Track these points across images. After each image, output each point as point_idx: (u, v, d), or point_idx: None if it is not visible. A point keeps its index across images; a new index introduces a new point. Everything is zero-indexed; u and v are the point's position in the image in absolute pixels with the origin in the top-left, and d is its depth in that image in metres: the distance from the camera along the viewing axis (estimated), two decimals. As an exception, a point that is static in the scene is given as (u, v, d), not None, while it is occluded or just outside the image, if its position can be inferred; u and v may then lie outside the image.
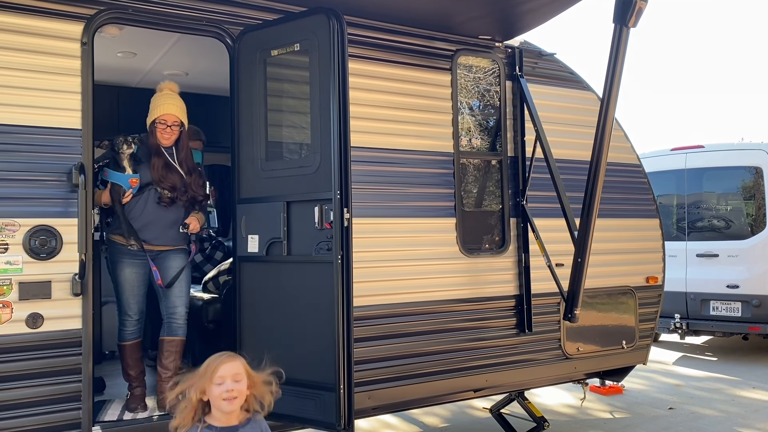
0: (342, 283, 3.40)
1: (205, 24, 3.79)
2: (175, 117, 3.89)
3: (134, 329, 3.98)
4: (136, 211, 3.90)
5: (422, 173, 4.38)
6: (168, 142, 3.92)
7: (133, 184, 3.84)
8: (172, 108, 3.89)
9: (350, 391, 3.40)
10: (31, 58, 3.29)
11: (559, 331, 4.92)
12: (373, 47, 4.24)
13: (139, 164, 3.90)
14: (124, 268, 3.93)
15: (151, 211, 3.91)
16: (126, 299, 3.95)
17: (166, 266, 3.98)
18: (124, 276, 3.93)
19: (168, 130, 3.89)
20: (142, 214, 3.91)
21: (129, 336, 3.97)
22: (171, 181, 3.91)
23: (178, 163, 3.96)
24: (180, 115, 3.92)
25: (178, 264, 4.01)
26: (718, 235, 8.97)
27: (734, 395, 7.07)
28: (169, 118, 3.88)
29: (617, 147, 5.21)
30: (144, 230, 3.92)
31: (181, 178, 3.95)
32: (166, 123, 3.88)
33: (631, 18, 4.01)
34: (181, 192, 3.95)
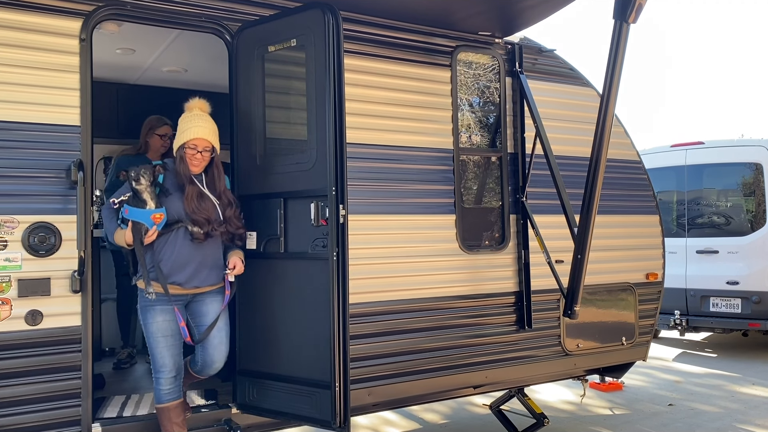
0: (337, 280, 3.40)
1: (203, 20, 3.78)
2: (206, 142, 3.46)
3: (172, 387, 3.44)
4: (166, 252, 3.40)
5: (422, 170, 4.37)
6: (198, 170, 3.50)
7: (157, 221, 3.32)
8: (202, 131, 3.46)
9: (346, 389, 3.40)
10: (29, 54, 3.28)
11: (559, 328, 4.92)
12: (372, 43, 4.23)
13: (165, 196, 3.43)
14: (156, 317, 3.40)
15: (183, 250, 3.42)
16: (160, 353, 3.41)
17: (200, 312, 3.55)
18: (155, 326, 3.41)
19: (198, 156, 3.46)
20: (172, 254, 3.41)
21: (167, 396, 3.43)
22: (205, 213, 3.44)
23: (213, 192, 3.54)
24: (212, 140, 3.50)
25: (215, 309, 3.54)
26: (718, 232, 8.97)
27: (734, 392, 7.08)
28: (200, 143, 3.45)
29: (617, 143, 5.21)
30: (175, 273, 3.42)
31: (215, 209, 3.50)
32: (197, 148, 3.44)
33: (631, 14, 4.00)
34: (217, 224, 3.47)
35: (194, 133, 3.45)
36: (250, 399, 3.74)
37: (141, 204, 3.31)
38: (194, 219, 3.42)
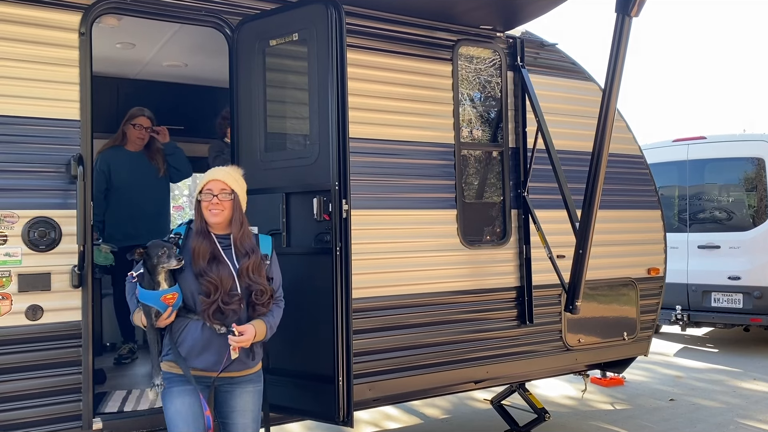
0: (341, 275, 3.39)
1: (204, 14, 3.76)
2: (222, 183, 2.94)
3: None
4: (184, 333, 2.90)
5: (423, 164, 4.36)
6: (217, 219, 2.94)
7: (169, 302, 2.85)
8: (218, 173, 2.99)
9: (349, 383, 3.39)
10: (28, 48, 3.27)
11: (560, 323, 4.92)
12: (373, 37, 4.21)
13: (180, 272, 2.91)
14: (174, 399, 2.88)
15: (204, 333, 2.87)
16: None
17: (228, 403, 2.98)
18: (173, 410, 2.87)
19: (216, 202, 2.91)
20: (190, 336, 2.89)
21: None
22: (214, 280, 2.84)
23: (234, 250, 2.94)
24: (230, 182, 2.97)
25: (245, 402, 2.98)
26: (720, 227, 8.95)
27: (735, 387, 7.07)
28: (215, 186, 2.93)
29: (619, 138, 5.19)
30: (194, 357, 2.88)
31: (231, 276, 2.89)
32: (212, 192, 2.93)
33: (634, 7, 3.98)
34: (230, 296, 2.85)
35: (208, 176, 3.00)
36: (252, 394, 3.73)
37: (154, 284, 2.86)
38: (202, 285, 2.85)
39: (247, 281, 2.91)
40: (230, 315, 2.86)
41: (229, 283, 2.88)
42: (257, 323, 2.91)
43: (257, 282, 2.94)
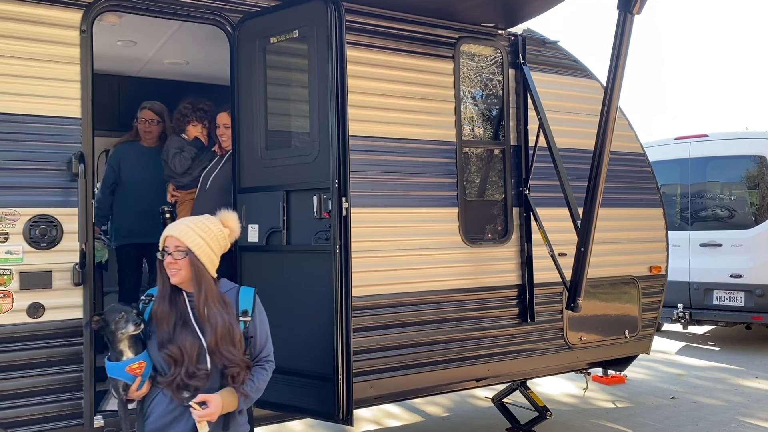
0: (340, 273, 3.39)
1: (205, 11, 3.76)
2: (176, 240, 2.61)
3: None
4: (152, 405, 2.62)
5: (424, 162, 4.35)
6: (175, 279, 2.62)
7: (136, 372, 2.55)
8: (174, 228, 2.66)
9: (349, 381, 3.39)
10: (29, 46, 3.26)
11: (562, 321, 4.91)
12: (374, 35, 4.20)
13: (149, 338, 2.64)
14: None
15: (167, 400, 2.57)
16: None
17: None
18: None
19: (170, 260, 2.61)
20: (156, 406, 2.61)
21: None
22: (176, 349, 2.53)
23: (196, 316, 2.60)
24: (184, 238, 2.59)
25: None
26: (722, 225, 8.94)
27: (737, 385, 7.07)
28: (170, 243, 2.63)
29: (621, 136, 5.17)
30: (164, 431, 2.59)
31: (195, 342, 2.56)
32: (168, 250, 2.63)
33: (636, 5, 3.97)
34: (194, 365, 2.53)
35: (165, 231, 2.68)
36: (253, 392, 3.74)
37: (117, 354, 2.59)
38: (162, 356, 2.54)
39: (214, 353, 2.55)
40: (196, 389, 2.52)
41: (194, 353, 2.53)
42: (225, 393, 2.55)
43: (227, 354, 2.55)
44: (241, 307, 2.69)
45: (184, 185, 4.54)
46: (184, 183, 4.53)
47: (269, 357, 2.77)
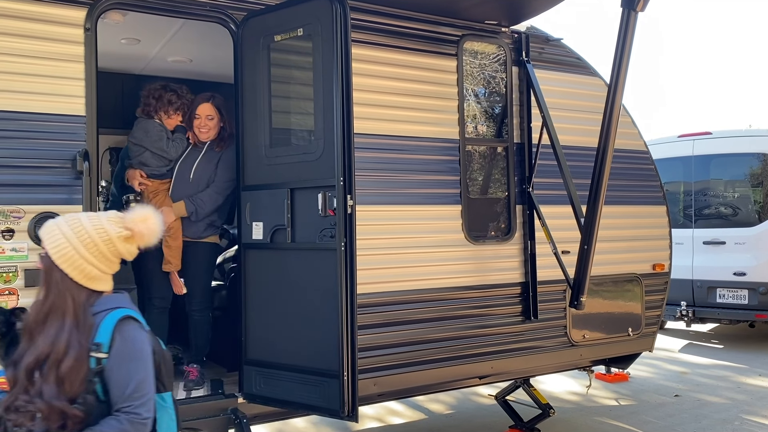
0: (345, 270, 3.39)
1: (208, 9, 3.76)
2: None
3: None
4: None
5: (427, 160, 4.36)
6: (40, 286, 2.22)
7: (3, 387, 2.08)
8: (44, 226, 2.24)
9: (354, 378, 3.40)
10: (34, 44, 3.27)
11: (565, 319, 4.91)
12: (378, 32, 4.20)
13: None
14: None
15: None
16: None
17: None
18: None
19: None
20: None
21: None
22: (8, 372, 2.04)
23: None
24: (45, 239, 2.11)
25: None
26: (725, 223, 8.93)
27: (740, 383, 7.06)
28: None
29: (624, 133, 5.17)
30: None
31: None
32: None
33: (639, 2, 3.97)
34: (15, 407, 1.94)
35: None
36: (257, 389, 3.75)
37: None
38: None
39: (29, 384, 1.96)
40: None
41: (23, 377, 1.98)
42: None
43: (44, 389, 1.94)
44: (96, 338, 2.03)
45: (161, 174, 4.30)
46: (163, 172, 4.30)
47: (135, 409, 2.01)
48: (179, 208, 4.19)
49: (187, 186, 4.27)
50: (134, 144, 4.27)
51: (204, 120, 4.27)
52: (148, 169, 4.27)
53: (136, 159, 4.28)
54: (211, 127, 4.29)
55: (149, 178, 4.27)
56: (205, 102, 4.29)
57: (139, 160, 4.26)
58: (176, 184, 4.30)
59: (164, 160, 4.28)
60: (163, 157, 4.28)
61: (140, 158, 4.25)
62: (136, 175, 4.25)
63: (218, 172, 4.27)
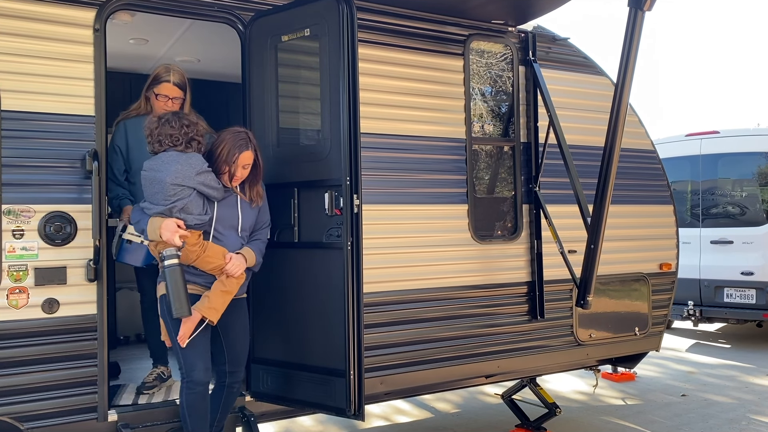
0: (352, 269, 3.41)
1: (216, 9, 3.78)
2: None
3: None
4: None
5: (434, 159, 4.37)
6: None
7: None
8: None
9: (360, 377, 3.41)
10: (44, 45, 3.30)
11: (572, 318, 4.91)
12: (385, 32, 4.21)
13: None
14: None
15: None
16: None
17: None
18: None
19: None
20: None
21: None
22: None
23: None
24: None
25: None
26: (733, 222, 8.89)
27: (747, 382, 7.04)
28: None
29: (631, 132, 5.17)
30: None
31: None
32: None
33: (647, 2, 3.96)
34: None
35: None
36: (264, 387, 3.77)
37: None
38: None
39: None
40: None
41: None
42: None
43: None
44: None
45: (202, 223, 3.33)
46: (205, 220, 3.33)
47: None
48: (250, 256, 3.42)
49: (234, 234, 3.42)
50: (173, 185, 3.21)
51: (240, 170, 3.39)
52: (191, 217, 3.25)
53: (172, 204, 3.22)
54: (245, 174, 3.45)
55: (191, 228, 3.26)
56: (246, 150, 3.37)
57: (179, 206, 3.22)
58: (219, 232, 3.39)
59: (206, 204, 3.33)
60: (208, 200, 3.34)
61: (180, 203, 3.22)
62: (172, 226, 3.19)
63: (260, 215, 3.55)
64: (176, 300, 3.14)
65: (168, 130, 3.29)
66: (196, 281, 3.37)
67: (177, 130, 3.29)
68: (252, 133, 3.46)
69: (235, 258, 3.36)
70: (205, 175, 3.27)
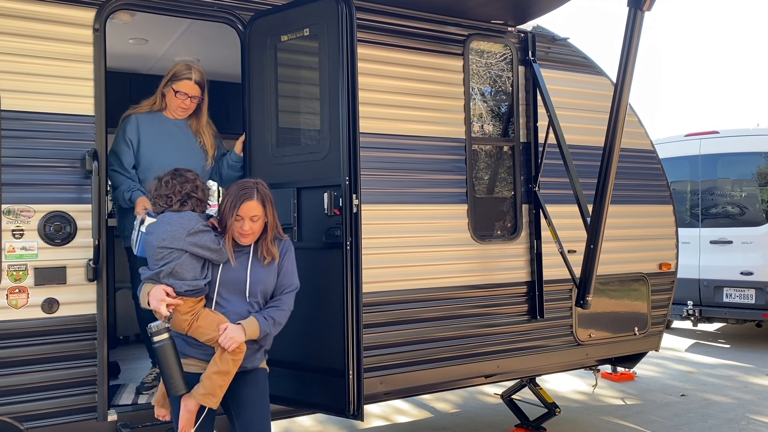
0: (351, 269, 3.41)
1: (216, 9, 3.78)
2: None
3: None
4: None
5: (434, 159, 4.37)
6: None
7: None
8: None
9: (359, 377, 3.42)
10: (43, 45, 3.30)
11: (571, 318, 4.92)
12: (384, 32, 4.21)
13: None
14: None
15: None
16: None
17: None
18: None
19: None
20: None
21: None
22: None
23: None
24: None
25: None
26: (732, 222, 8.90)
27: (747, 382, 7.05)
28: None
29: (631, 132, 5.17)
30: None
31: None
32: None
33: (646, 2, 3.96)
34: None
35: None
36: (264, 387, 3.77)
37: None
38: None
39: None
40: None
41: None
42: None
43: None
44: None
45: (198, 290, 2.97)
46: (201, 286, 2.98)
47: None
48: (252, 327, 2.95)
49: (240, 300, 3.03)
50: (160, 248, 2.96)
51: (248, 223, 3.01)
52: (183, 283, 2.93)
53: (159, 269, 2.95)
54: (255, 230, 3.05)
55: (182, 295, 2.93)
56: (250, 200, 3.01)
57: (167, 271, 2.93)
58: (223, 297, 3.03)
59: (207, 267, 3.02)
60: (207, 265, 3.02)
61: (167, 267, 2.93)
62: (158, 294, 2.89)
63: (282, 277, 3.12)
64: (168, 379, 2.81)
65: (162, 191, 3.08)
66: (194, 354, 2.95)
67: (170, 189, 3.06)
68: (264, 184, 3.07)
69: (230, 329, 2.85)
70: (199, 235, 2.95)
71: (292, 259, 3.13)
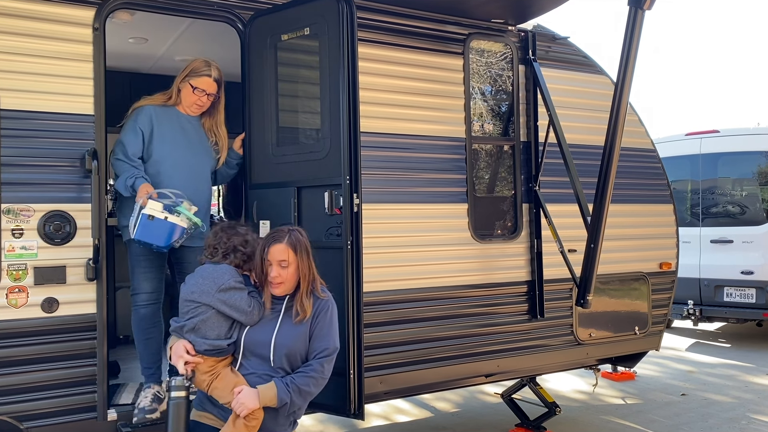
0: (352, 269, 3.41)
1: (216, 9, 3.78)
2: None
3: None
4: None
5: (434, 158, 4.36)
6: None
7: None
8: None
9: (360, 376, 3.41)
10: (43, 44, 3.30)
11: (572, 317, 4.91)
12: (384, 31, 4.21)
13: None
14: None
15: None
16: None
17: None
18: None
19: None
20: None
21: None
22: None
23: None
24: None
25: None
26: (733, 221, 8.90)
27: (747, 382, 7.04)
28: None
29: (631, 132, 5.16)
30: None
31: None
32: None
33: (646, 1, 3.96)
34: None
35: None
36: (264, 386, 3.76)
37: None
38: None
39: None
40: None
41: None
42: None
43: None
44: None
45: (220, 350, 2.87)
46: (223, 346, 2.88)
47: None
48: (268, 394, 2.77)
49: (263, 363, 2.89)
50: (187, 300, 2.89)
51: (276, 268, 2.89)
52: (204, 341, 2.83)
53: (183, 323, 2.89)
54: (286, 277, 2.92)
55: (202, 353, 2.84)
56: (278, 243, 2.91)
57: (190, 326, 2.85)
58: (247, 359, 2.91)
59: (235, 327, 2.91)
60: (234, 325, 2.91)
61: (191, 322, 2.85)
62: (179, 350, 2.83)
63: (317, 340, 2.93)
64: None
65: (210, 241, 3.00)
66: (213, 412, 2.86)
67: (217, 240, 2.97)
68: (301, 231, 2.94)
69: (243, 394, 2.69)
70: (230, 293, 2.80)
71: (329, 320, 2.88)
